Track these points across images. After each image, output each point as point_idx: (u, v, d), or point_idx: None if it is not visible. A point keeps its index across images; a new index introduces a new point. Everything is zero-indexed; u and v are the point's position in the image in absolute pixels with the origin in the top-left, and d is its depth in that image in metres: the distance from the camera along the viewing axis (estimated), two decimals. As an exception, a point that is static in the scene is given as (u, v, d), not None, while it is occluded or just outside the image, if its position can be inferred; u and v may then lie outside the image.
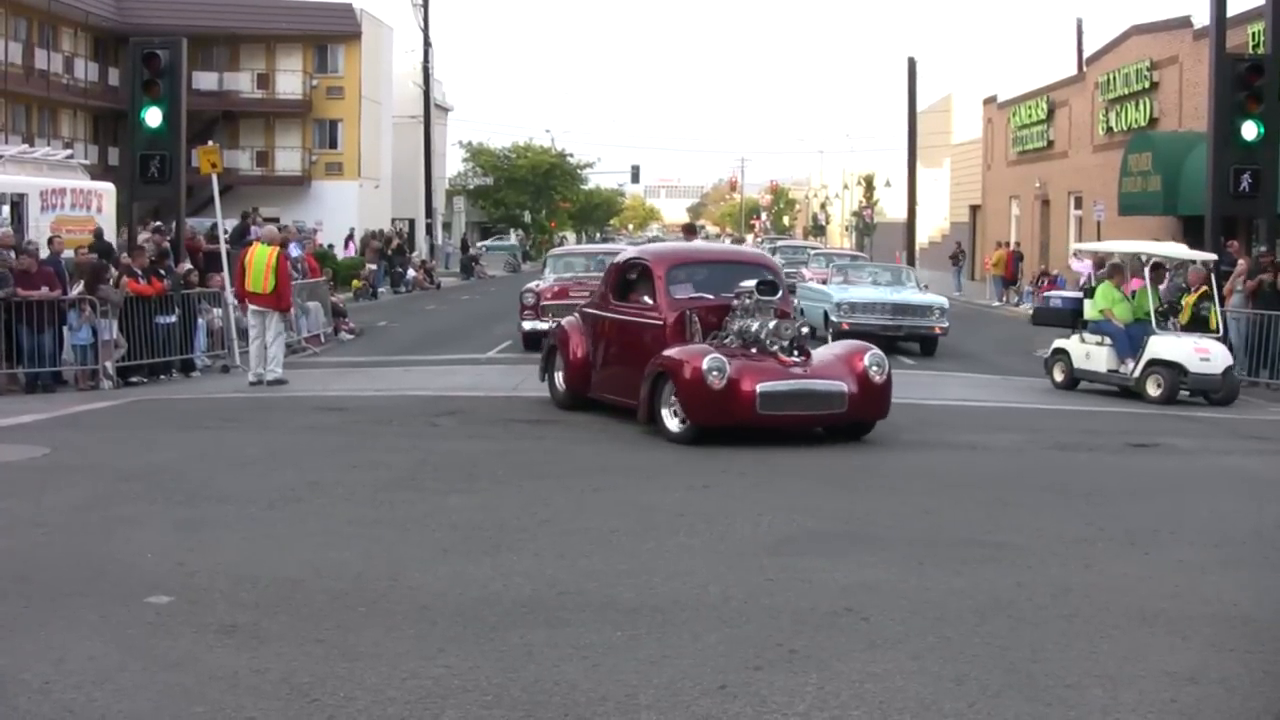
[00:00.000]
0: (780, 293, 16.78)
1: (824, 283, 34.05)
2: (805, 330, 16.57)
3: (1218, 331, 21.80)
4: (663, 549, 10.13)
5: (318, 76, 67.54)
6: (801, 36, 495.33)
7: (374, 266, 49.68)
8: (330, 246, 51.68)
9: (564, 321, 19.19)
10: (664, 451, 14.93)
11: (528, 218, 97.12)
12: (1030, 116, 59.82)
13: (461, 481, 12.81)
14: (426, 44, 68.67)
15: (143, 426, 16.92)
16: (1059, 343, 23.39)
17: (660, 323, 16.67)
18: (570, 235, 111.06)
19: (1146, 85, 46.35)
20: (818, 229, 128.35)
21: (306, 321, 29.81)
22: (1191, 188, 35.84)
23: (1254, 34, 34.35)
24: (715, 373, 15.06)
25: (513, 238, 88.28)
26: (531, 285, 30.06)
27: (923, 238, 69.62)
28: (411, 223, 73.85)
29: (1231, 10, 27.64)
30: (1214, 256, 23.50)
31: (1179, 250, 23.43)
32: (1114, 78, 49.16)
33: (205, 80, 63.58)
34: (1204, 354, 21.03)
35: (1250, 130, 24.50)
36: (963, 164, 74.79)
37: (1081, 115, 53.53)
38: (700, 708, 6.62)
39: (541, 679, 6.99)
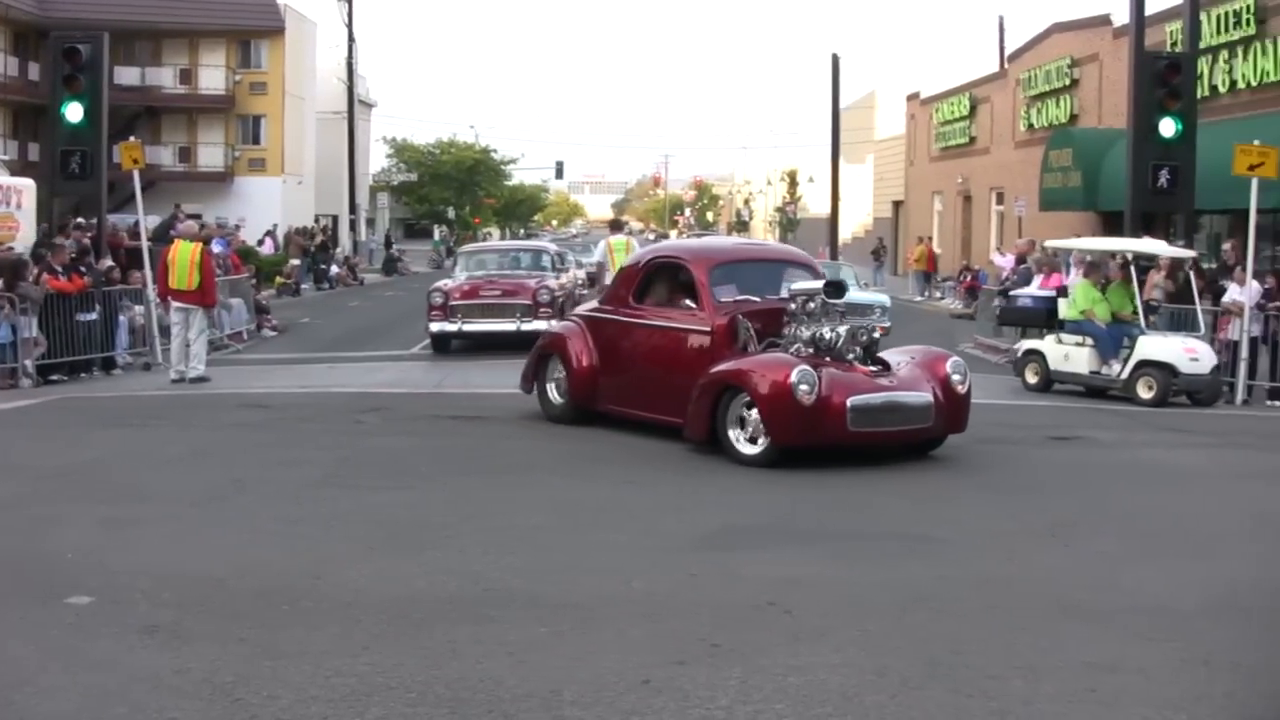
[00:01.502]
0: (846, 295, 15.41)
1: None
2: (878, 335, 15.39)
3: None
4: (587, 545, 10.15)
5: (241, 72, 67.00)
6: (726, 33, 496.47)
7: (297, 263, 49.45)
8: (260, 243, 51.34)
9: (560, 326, 17.90)
10: (591, 447, 14.93)
11: (452, 214, 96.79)
12: (953, 113, 60.19)
13: (386, 478, 12.78)
14: (350, 39, 68.38)
15: (64, 425, 16.79)
16: (1031, 343, 22.88)
17: (707, 329, 14.95)
18: (495, 231, 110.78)
19: (1067, 82, 46.75)
20: (741, 225, 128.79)
21: (229, 318, 29.64)
22: (1111, 184, 36.16)
23: (1172, 32, 34.71)
24: (805, 387, 13.42)
25: (436, 234, 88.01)
26: (440, 284, 28.61)
27: (846, 233, 69.91)
28: (335, 219, 73.41)
29: (1150, 9, 27.92)
30: (1193, 253, 23.55)
31: (1158, 247, 23.17)
32: (1035, 75, 49.54)
33: (127, 75, 62.89)
34: (1193, 354, 20.76)
35: (1168, 127, 24.73)
36: (886, 160, 75.17)
37: (1003, 112, 53.91)
38: (624, 703, 6.64)
39: (466, 676, 6.98)
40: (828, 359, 14.21)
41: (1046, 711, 6.65)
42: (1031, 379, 22.27)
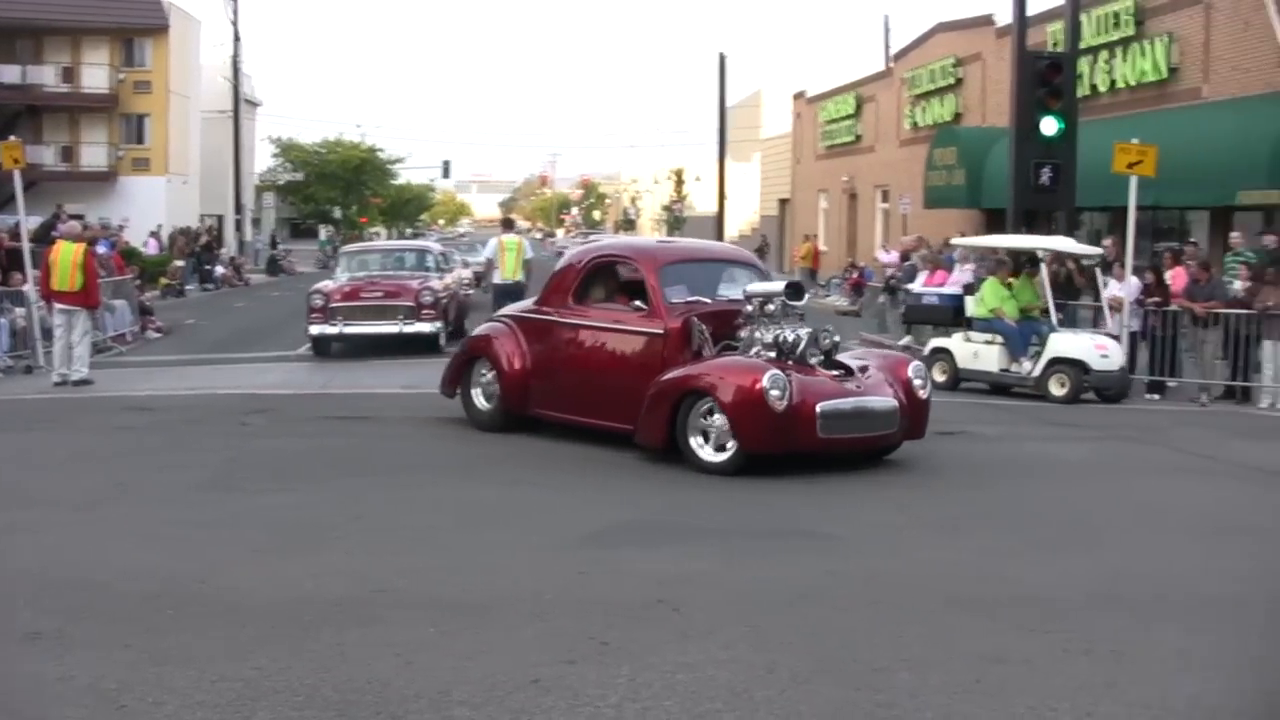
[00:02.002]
0: (805, 297, 14.93)
1: None
2: (838, 339, 14.85)
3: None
4: (477, 544, 10.13)
5: (125, 70, 66.19)
6: (613, 31, 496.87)
7: (182, 264, 48.96)
8: (145, 244, 50.76)
9: (487, 327, 16.79)
10: (479, 446, 14.90)
11: (338, 213, 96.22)
12: (838, 111, 60.62)
13: (273, 480, 12.69)
14: (236, 37, 67.90)
15: (-57, 429, 16.54)
16: (939, 342, 22.76)
17: (659, 332, 14.32)
18: (382, 231, 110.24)
19: (951, 81, 47.26)
20: (628, 223, 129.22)
21: (113, 320, 29.29)
22: (994, 182, 36.61)
23: (1053, 33, 35.14)
24: (776, 392, 12.98)
25: (323, 234, 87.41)
26: (320, 286, 27.71)
27: (732, 231, 70.22)
28: (220, 219, 72.76)
29: (1032, 10, 28.26)
30: (1100, 250, 23.72)
31: (1067, 244, 23.20)
32: (920, 74, 50.03)
33: (8, 74, 62.10)
34: (1103, 350, 20.93)
35: (1050, 126, 25.03)
36: (772, 158, 75.52)
37: (888, 110, 54.37)
38: (514, 702, 6.64)
39: (354, 678, 6.95)
40: (789, 363, 13.74)
41: (933, 703, 6.72)
42: (940, 377, 21.99)
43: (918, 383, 14.21)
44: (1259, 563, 10.22)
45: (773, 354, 13.92)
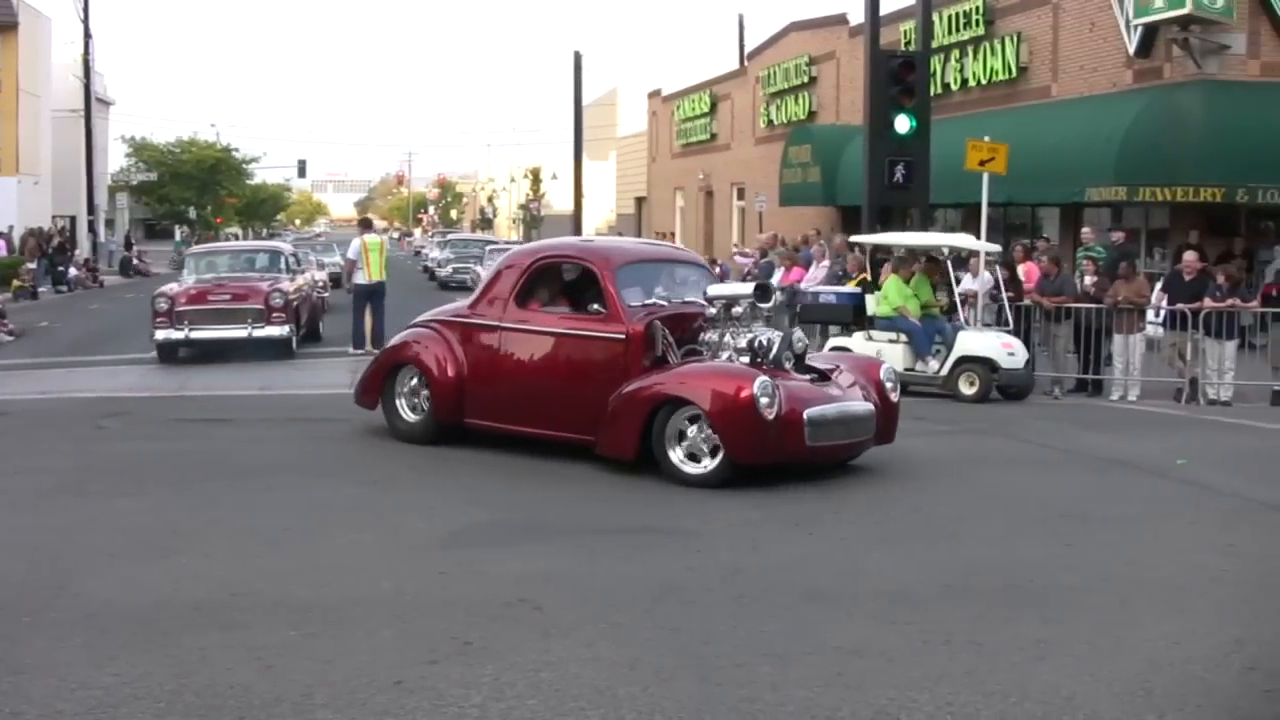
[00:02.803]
0: (774, 299, 14.44)
1: None
2: (806, 342, 14.46)
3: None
4: (335, 546, 10.07)
5: (-29, 69, 64.96)
6: (468, 30, 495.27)
7: (34, 265, 48.10)
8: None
9: (412, 333, 15.68)
10: (336, 448, 14.80)
11: (193, 214, 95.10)
12: (694, 110, 60.94)
13: (129, 484, 12.51)
14: (87, 35, 66.63)
15: None
16: (839, 341, 21.95)
17: (620, 336, 13.56)
18: (238, 231, 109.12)
19: (806, 80, 47.66)
20: (485, 222, 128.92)
21: (-39, 323, 28.74)
22: (849, 179, 37.01)
23: (906, 32, 35.58)
24: (766, 400, 12.42)
25: (178, 234, 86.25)
26: (166, 289, 26.42)
27: (589, 229, 70.22)
28: (73, 220, 71.52)
29: (885, 9, 28.54)
30: (998, 247, 23.78)
31: (967, 241, 23.16)
32: (774, 72, 50.39)
33: None
34: (1009, 349, 20.91)
35: (903, 124, 25.28)
36: (628, 156, 75.80)
37: (743, 109, 54.73)
38: (377, 704, 6.61)
39: (215, 682, 6.89)
40: (764, 368, 13.20)
41: (795, 696, 6.78)
42: None
43: (889, 385, 13.95)
44: (1110, 551, 10.42)
45: (745, 359, 13.40)
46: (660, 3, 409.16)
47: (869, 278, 22.81)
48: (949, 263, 22.27)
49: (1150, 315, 22.39)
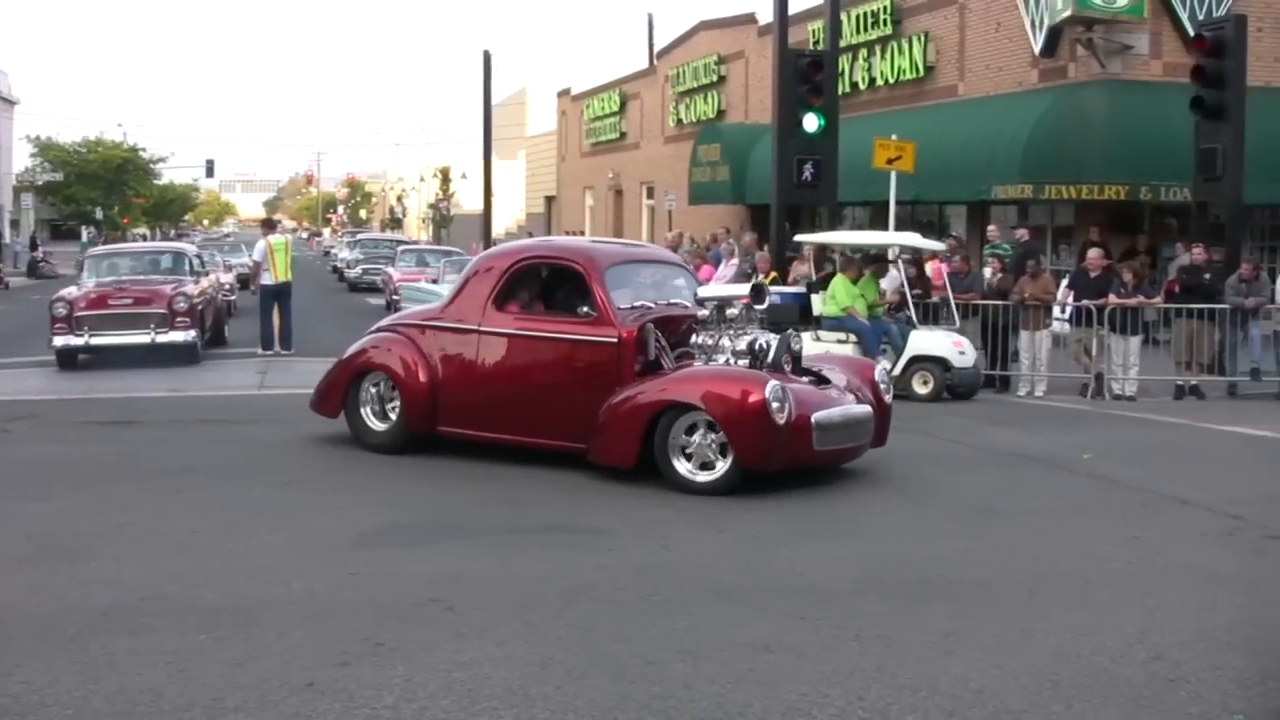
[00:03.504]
0: (768, 300, 14.18)
1: (435, 282, 31.36)
2: (801, 345, 14.17)
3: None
4: (245, 548, 9.99)
5: None
6: (377, 29, 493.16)
7: (-65, 268, 47.55)
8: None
9: (377, 338, 15.03)
10: (246, 449, 14.66)
11: (100, 214, 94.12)
12: (603, 109, 61.02)
13: (36, 488, 12.34)
14: (-14, 34, 65.90)
15: None
16: None
17: (612, 339, 13.12)
18: (145, 231, 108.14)
19: (715, 79, 47.81)
20: (395, 222, 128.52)
21: None
22: (758, 177, 37.15)
23: (814, 31, 35.79)
24: (778, 404, 12.07)
25: (85, 235, 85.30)
26: (64, 293, 25.20)
27: (499, 229, 70.17)
28: (-24, 221, 70.73)
29: (793, 9, 28.66)
30: (942, 246, 23.80)
31: (913, 240, 22.85)
32: (684, 71, 50.52)
33: None
34: (960, 347, 20.80)
35: (812, 122, 25.37)
36: (538, 155, 75.82)
37: (653, 108, 54.83)
38: (289, 707, 6.57)
39: (125, 688, 6.82)
40: (766, 371, 12.94)
41: (707, 693, 6.80)
42: None
43: (883, 386, 13.72)
44: (1017, 545, 10.53)
45: (744, 362, 13.14)
46: (570, 2, 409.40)
47: (780, 278, 22.84)
48: (899, 262, 22.25)
49: (1056, 312, 22.63)
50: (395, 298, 33.91)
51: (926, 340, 20.87)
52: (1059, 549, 10.47)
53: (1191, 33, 26.51)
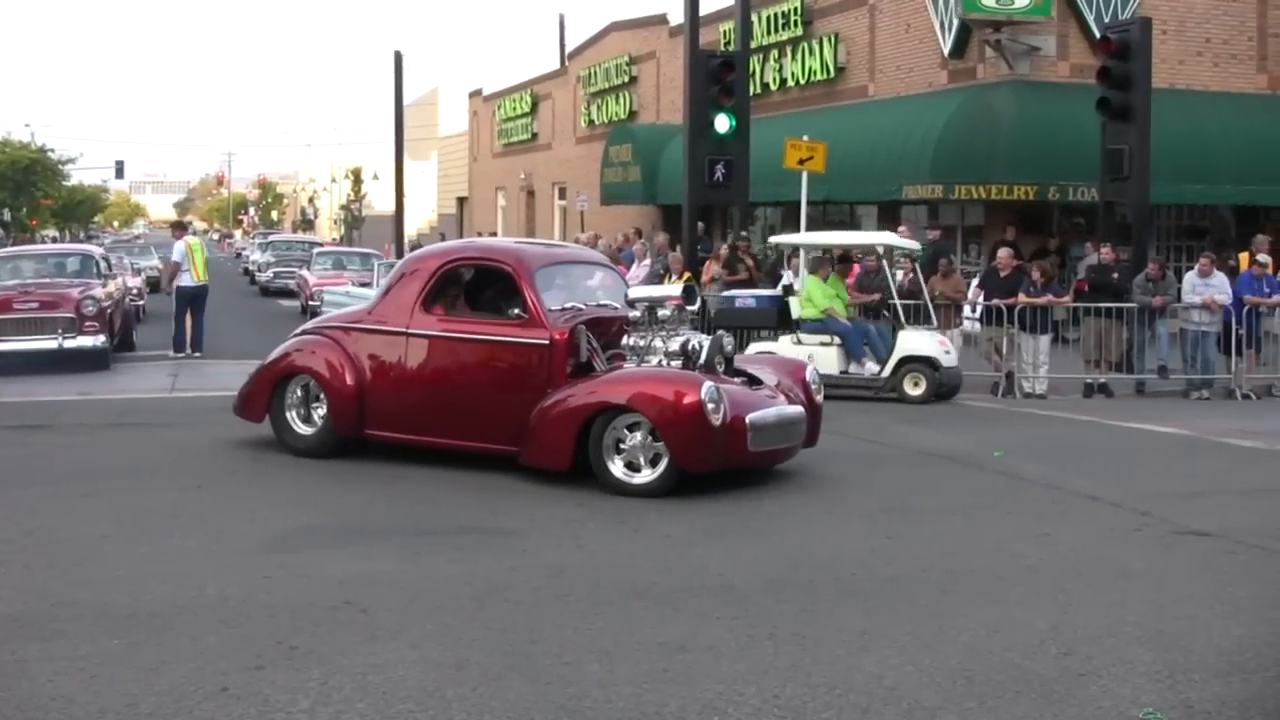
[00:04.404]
0: (699, 301, 14.16)
1: (366, 285, 30.51)
2: (733, 346, 14.08)
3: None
4: (157, 552, 9.90)
5: None
6: (288, 29, 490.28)
7: None
8: None
9: (302, 340, 14.76)
10: (158, 452, 14.52)
11: (8, 216, 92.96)
12: (515, 109, 60.96)
13: (-62, 494, 12.20)
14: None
15: None
16: (763, 345, 20.79)
17: (543, 341, 12.97)
18: (54, 233, 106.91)
19: (626, 79, 47.87)
20: (306, 223, 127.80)
21: None
22: (670, 178, 37.24)
23: (725, 32, 35.87)
24: (712, 405, 11.98)
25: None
26: None
27: (411, 229, 69.88)
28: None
29: (705, 9, 28.75)
30: (918, 246, 23.72)
31: (887, 239, 22.82)
32: (595, 72, 50.55)
33: None
34: (945, 347, 20.73)
35: (723, 123, 25.44)
36: (450, 156, 75.67)
37: (564, 108, 54.84)
38: (202, 712, 6.51)
39: (36, 695, 6.74)
40: (700, 372, 12.80)
41: (623, 693, 6.81)
42: None
43: (814, 386, 13.65)
44: (930, 543, 10.60)
45: (677, 363, 13.06)
46: (481, 2, 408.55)
47: (695, 277, 22.79)
48: (884, 261, 22.21)
49: (967, 311, 22.82)
50: (314, 303, 33.15)
51: (915, 340, 20.62)
52: (971, 546, 10.56)
53: (1098, 35, 26.76)
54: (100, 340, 23.53)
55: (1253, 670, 7.41)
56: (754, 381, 13.38)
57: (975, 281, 23.75)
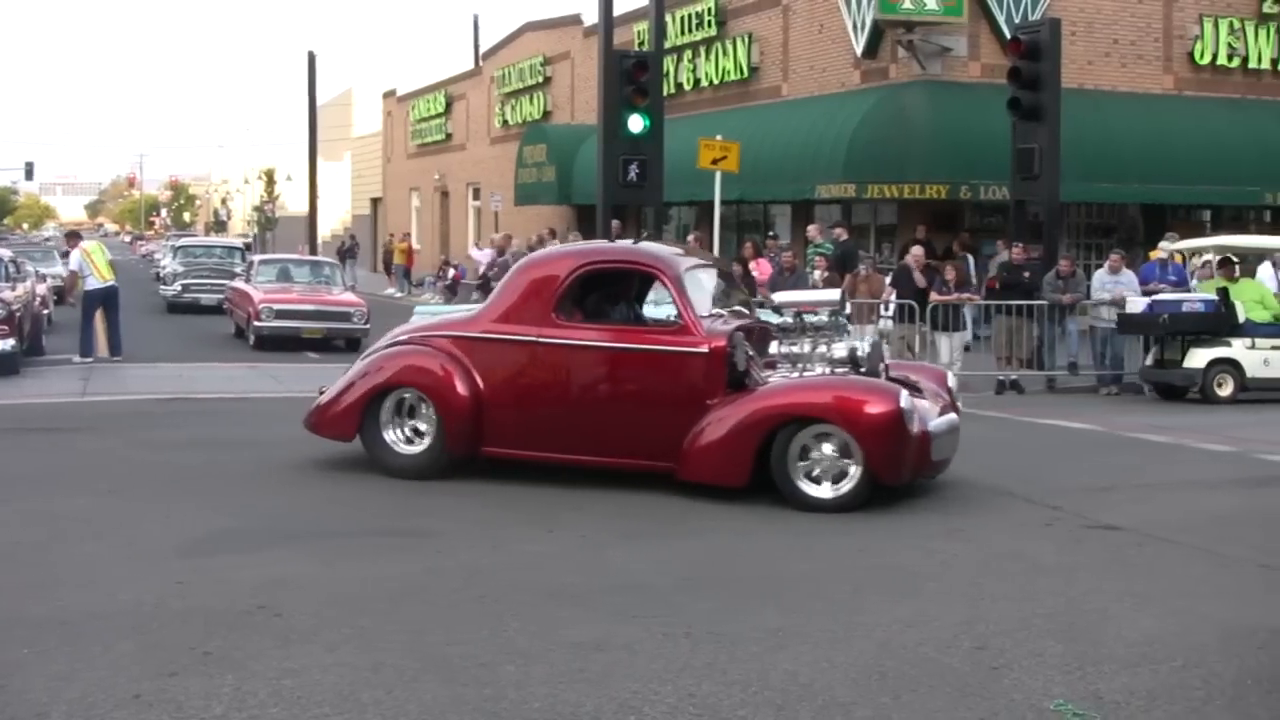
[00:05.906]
0: (848, 307, 13.42)
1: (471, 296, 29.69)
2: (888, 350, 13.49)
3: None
4: (69, 558, 9.81)
5: None
6: (199, 30, 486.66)
7: None
8: None
9: (404, 350, 13.45)
10: (67, 458, 14.38)
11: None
12: (429, 110, 60.77)
13: None
14: None
15: None
16: (1213, 351, 20.96)
17: (701, 351, 12.09)
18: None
19: (541, 80, 47.82)
20: (219, 225, 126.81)
21: None
22: (584, 178, 37.28)
23: (639, 32, 35.88)
24: (911, 414, 11.58)
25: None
26: None
27: (325, 230, 69.55)
28: None
29: (619, 10, 28.75)
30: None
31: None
32: (509, 72, 50.47)
33: None
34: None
35: (637, 123, 25.48)
36: (364, 157, 75.33)
37: (479, 109, 54.72)
38: (115, 719, 6.48)
39: (-57, 703, 6.69)
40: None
41: (539, 694, 6.81)
42: None
43: (955, 394, 13.41)
44: (843, 539, 10.67)
45: (847, 370, 12.47)
46: (394, 2, 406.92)
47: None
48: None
49: (881, 309, 22.96)
50: (259, 323, 28.99)
51: None
52: (885, 543, 10.65)
53: (1008, 36, 26.99)
54: (9, 344, 22.70)
55: (1160, 661, 7.52)
56: (915, 389, 12.65)
57: (888, 280, 23.90)
